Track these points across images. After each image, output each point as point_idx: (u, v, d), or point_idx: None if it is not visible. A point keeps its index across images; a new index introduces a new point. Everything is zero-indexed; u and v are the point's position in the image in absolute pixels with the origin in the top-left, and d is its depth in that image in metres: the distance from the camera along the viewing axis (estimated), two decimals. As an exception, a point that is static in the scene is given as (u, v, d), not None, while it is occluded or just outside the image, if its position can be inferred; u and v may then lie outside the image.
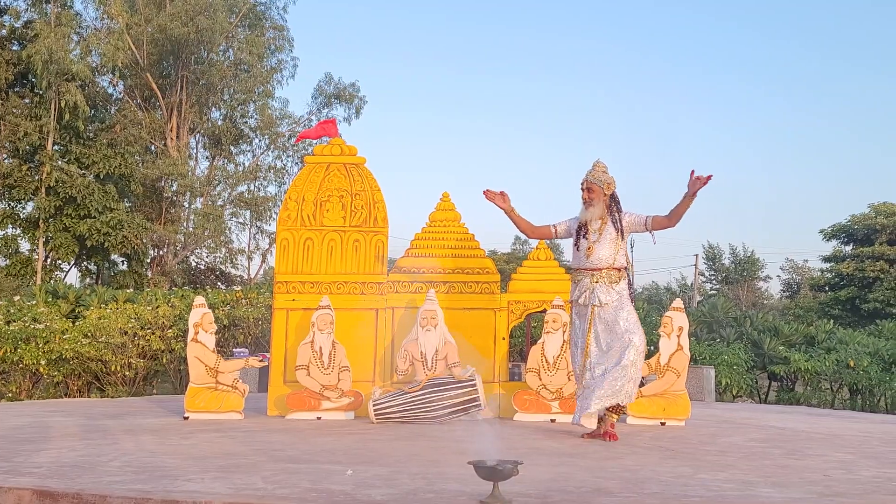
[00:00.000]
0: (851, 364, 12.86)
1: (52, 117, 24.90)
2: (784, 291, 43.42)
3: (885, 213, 31.02)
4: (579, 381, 6.56)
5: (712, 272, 42.67)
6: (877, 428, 7.94)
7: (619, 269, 6.50)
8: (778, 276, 47.72)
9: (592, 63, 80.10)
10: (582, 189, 6.59)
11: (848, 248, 32.60)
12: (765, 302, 40.68)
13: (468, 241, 8.60)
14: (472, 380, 7.48)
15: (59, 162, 24.99)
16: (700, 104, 77.54)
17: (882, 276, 29.35)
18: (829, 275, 33.22)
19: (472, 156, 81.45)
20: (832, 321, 17.01)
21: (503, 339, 8.37)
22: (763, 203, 76.20)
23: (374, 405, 7.44)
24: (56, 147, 25.84)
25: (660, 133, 75.90)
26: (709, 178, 5.97)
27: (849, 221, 32.15)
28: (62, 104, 24.50)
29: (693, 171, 6.03)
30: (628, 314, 6.46)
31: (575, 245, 6.56)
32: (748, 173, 75.37)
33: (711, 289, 41.42)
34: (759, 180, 75.96)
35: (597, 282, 6.46)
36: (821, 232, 33.20)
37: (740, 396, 13.33)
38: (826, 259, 33.74)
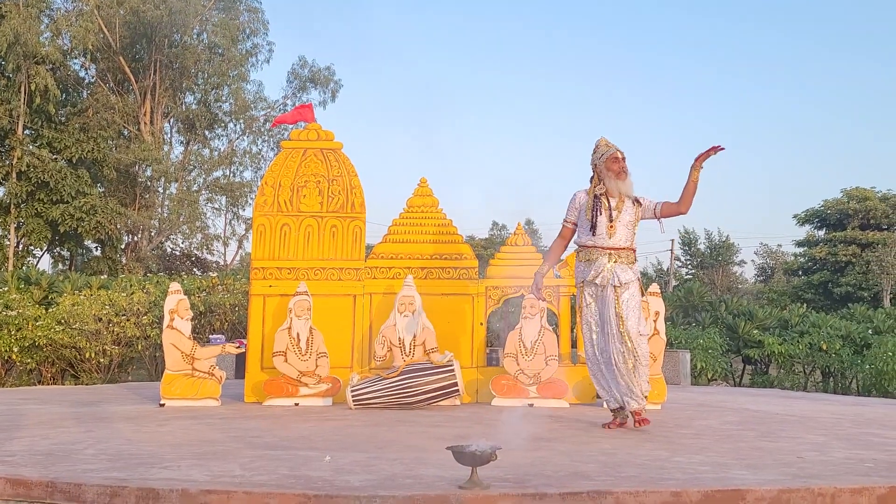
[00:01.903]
0: (824, 347, 13.05)
1: (22, 101, 24.46)
2: (758, 276, 43.93)
3: (858, 197, 31.44)
4: (596, 362, 6.28)
5: (688, 257, 43.02)
6: (848, 410, 8.07)
7: (634, 251, 6.28)
8: (752, 260, 48.24)
9: (567, 50, 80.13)
10: (618, 159, 6.22)
11: (821, 233, 33.04)
12: (739, 286, 41.13)
13: (446, 226, 8.59)
14: (450, 365, 7.49)
15: (31, 146, 24.60)
16: (674, 89, 77.89)
17: (854, 260, 29.78)
18: (802, 259, 33.67)
19: (451, 141, 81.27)
20: (805, 305, 17.24)
21: (481, 324, 8.39)
22: (738, 188, 76.91)
23: (352, 391, 7.43)
24: (27, 131, 25.42)
25: (633, 119, 76.17)
26: (716, 149, 6.00)
27: (822, 206, 32.56)
28: (32, 87, 24.08)
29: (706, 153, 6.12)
30: (639, 305, 6.19)
31: (591, 222, 6.15)
32: (723, 159, 75.99)
33: (687, 273, 41.78)
34: (734, 165, 76.60)
35: (616, 262, 6.14)
36: (794, 217, 33.63)
37: (715, 380, 13.49)
38: (799, 244, 34.17)
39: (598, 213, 6.13)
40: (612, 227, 6.14)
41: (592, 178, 6.36)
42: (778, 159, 76.23)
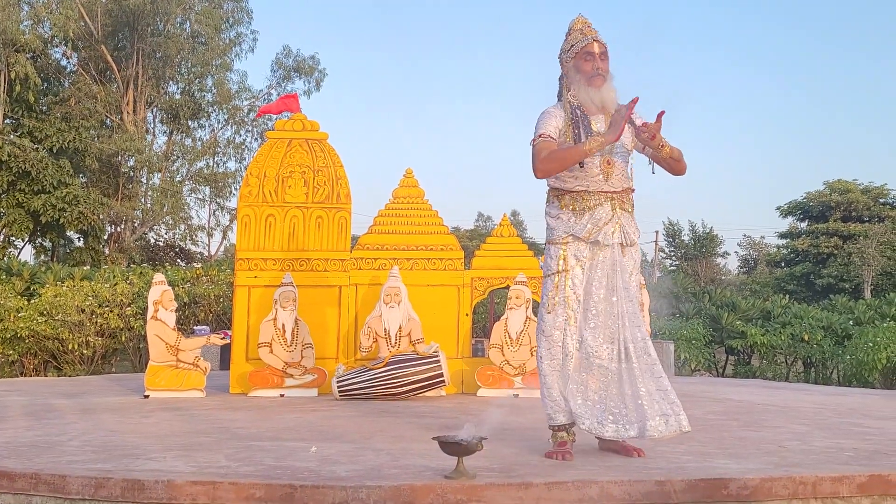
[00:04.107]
0: (805, 338, 13.19)
1: (2, 90, 24.16)
2: (741, 267, 44.25)
3: (840, 190, 31.72)
4: (564, 358, 4.32)
5: (672, 249, 43.26)
6: (829, 400, 8.16)
7: (633, 191, 4.54)
8: (736, 252, 48.55)
9: (556, 39, 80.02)
10: (592, 55, 4.32)
11: (803, 225, 33.33)
12: (723, 278, 41.42)
13: (432, 217, 8.59)
14: (436, 356, 7.50)
15: (11, 136, 24.30)
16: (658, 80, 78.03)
17: (836, 252, 30.04)
18: (784, 251, 33.96)
19: (437, 131, 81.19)
20: (787, 296, 17.40)
21: (466, 315, 8.40)
22: (722, 180, 77.35)
23: (338, 382, 7.43)
24: (7, 120, 25.12)
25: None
26: (659, 116, 4.11)
27: (804, 198, 32.83)
28: (12, 76, 23.79)
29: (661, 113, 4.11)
30: (637, 278, 4.48)
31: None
32: (708, 151, 76.29)
33: (671, 265, 42.01)
34: (719, 158, 77.00)
35: (620, 209, 4.37)
36: (777, 209, 33.90)
37: (699, 370, 13.60)
38: (782, 235, 34.47)
39: (581, 137, 4.26)
40: (609, 164, 4.29)
41: (561, 79, 4.54)
42: (761, 152, 76.68)
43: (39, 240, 27.15)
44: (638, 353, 4.22)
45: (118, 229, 28.18)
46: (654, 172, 4.43)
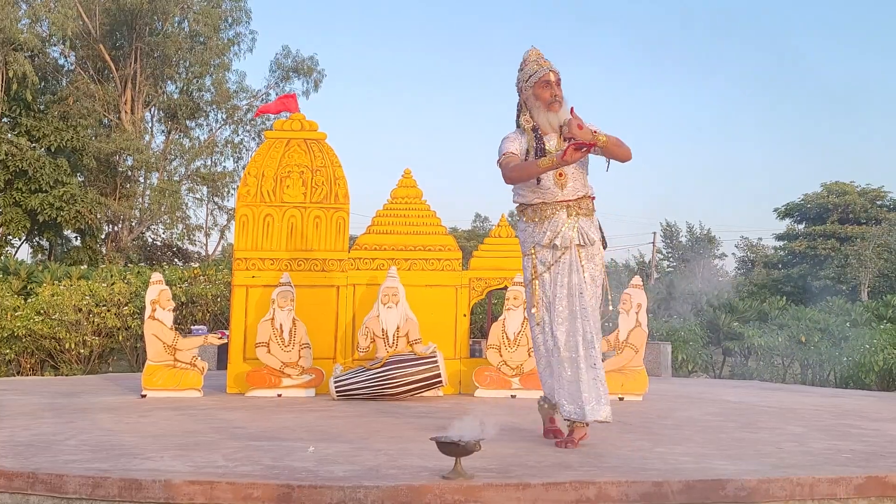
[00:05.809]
0: (802, 340, 13.20)
1: (0, 88, 24.12)
2: (739, 269, 44.32)
3: (837, 192, 31.79)
4: (547, 355, 4.92)
5: (670, 250, 43.30)
6: (827, 401, 8.17)
7: (593, 199, 5.04)
8: (733, 253, 48.63)
9: (553, 40, 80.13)
10: (549, 83, 4.87)
11: (801, 227, 33.38)
12: (720, 279, 41.45)
13: (430, 217, 8.59)
14: (434, 356, 7.50)
15: (9, 134, 24.26)
16: (655, 83, 78.17)
17: (833, 253, 30.09)
18: (782, 253, 34.01)
19: (435, 131, 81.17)
20: (784, 298, 17.41)
21: (464, 315, 8.41)
22: (719, 182, 77.38)
23: (336, 382, 7.43)
24: (5, 119, 25.08)
25: (614, 110, 76.38)
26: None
27: (802, 200, 32.88)
28: (9, 74, 23.76)
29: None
30: (602, 270, 5.00)
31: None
32: (705, 152, 76.40)
33: (669, 266, 42.05)
34: (716, 160, 77.05)
35: (576, 215, 4.88)
36: (775, 210, 33.96)
37: (696, 371, 13.61)
38: (779, 237, 34.51)
39: (538, 156, 4.74)
40: (561, 175, 4.80)
41: (519, 104, 5.04)
42: (759, 153, 76.77)
43: (36, 239, 27.11)
44: (585, 346, 4.72)
45: (115, 228, 28.14)
46: (608, 170, 4.89)
